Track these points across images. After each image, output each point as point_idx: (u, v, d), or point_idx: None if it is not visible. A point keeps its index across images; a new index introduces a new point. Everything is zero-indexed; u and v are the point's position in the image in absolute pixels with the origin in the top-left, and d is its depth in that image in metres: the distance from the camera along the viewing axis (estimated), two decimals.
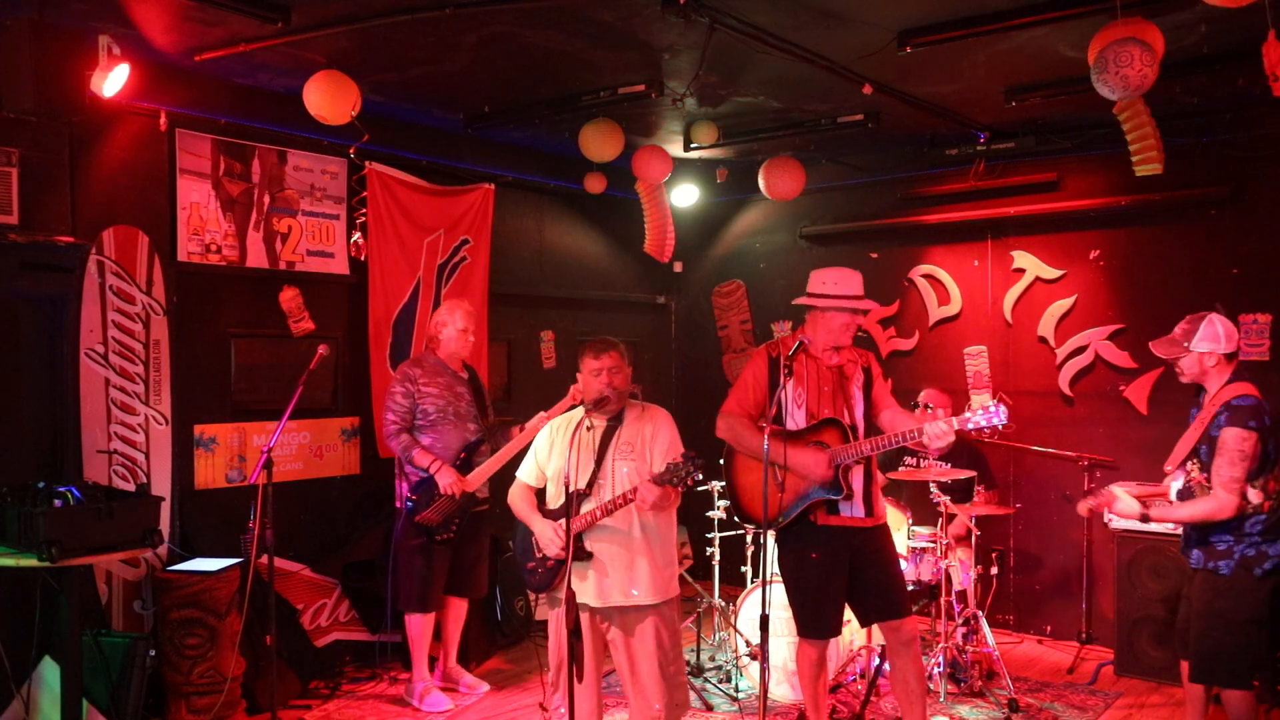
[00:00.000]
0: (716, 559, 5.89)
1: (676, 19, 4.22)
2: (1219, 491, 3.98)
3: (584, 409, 3.99)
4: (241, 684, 4.97)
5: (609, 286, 8.01)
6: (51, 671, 4.23)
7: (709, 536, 5.91)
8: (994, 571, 6.27)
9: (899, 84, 5.40)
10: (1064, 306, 6.59)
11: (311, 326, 5.88)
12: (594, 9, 4.33)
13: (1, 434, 4.66)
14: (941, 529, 5.33)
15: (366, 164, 6.02)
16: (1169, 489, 4.37)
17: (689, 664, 5.60)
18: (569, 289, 7.65)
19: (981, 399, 6.85)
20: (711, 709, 5.21)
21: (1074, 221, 6.54)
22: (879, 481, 4.41)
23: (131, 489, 4.93)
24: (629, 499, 3.89)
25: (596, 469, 4.02)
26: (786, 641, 5.13)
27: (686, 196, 7.62)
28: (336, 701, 5.30)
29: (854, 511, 4.24)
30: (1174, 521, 4.29)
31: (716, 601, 5.89)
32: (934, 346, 7.13)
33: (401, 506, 5.41)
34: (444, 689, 5.39)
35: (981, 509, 5.52)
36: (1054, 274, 6.64)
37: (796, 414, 4.30)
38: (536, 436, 4.24)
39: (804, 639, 4.36)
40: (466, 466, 5.25)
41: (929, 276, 7.15)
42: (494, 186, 6.77)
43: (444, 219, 6.48)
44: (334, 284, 6.07)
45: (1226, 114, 5.79)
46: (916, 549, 5.45)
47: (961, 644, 5.48)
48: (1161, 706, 5.27)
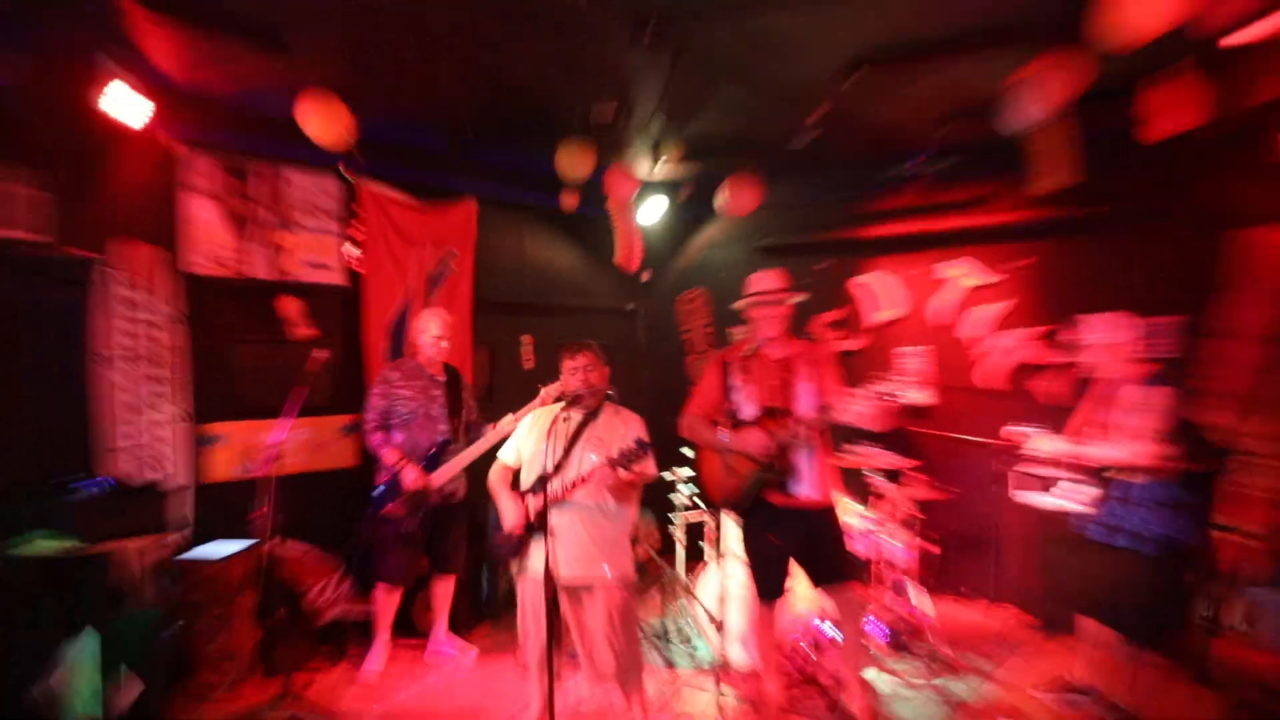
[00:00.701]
0: (680, 539, 5.98)
1: (643, 49, 4.27)
2: (1140, 441, 4.17)
3: (563, 403, 4.06)
4: (257, 651, 5.07)
5: (583, 295, 8.05)
6: (92, 641, 4.31)
7: (672, 518, 6.02)
8: (923, 542, 6.37)
9: (847, 109, 5.47)
10: (995, 311, 6.70)
11: (310, 333, 5.86)
12: (568, 40, 4.37)
13: (35, 432, 4.69)
14: (876, 509, 5.44)
15: (360, 183, 6.00)
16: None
17: (655, 631, 5.73)
18: (546, 297, 7.70)
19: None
20: (675, 668, 5.34)
21: (1004, 234, 6.65)
22: (829, 464, 4.51)
23: (147, 482, 4.95)
24: (586, 480, 3.97)
25: (565, 456, 4.09)
26: (741, 610, 5.22)
27: (653, 212, 7.67)
28: (342, 665, 5.39)
29: (805, 492, 4.37)
30: (1107, 462, 4.36)
31: (679, 575, 5.98)
32: (879, 348, 7.23)
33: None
34: (437, 653, 5.54)
35: (914, 491, 5.63)
36: (986, 281, 6.75)
37: (749, 408, 4.43)
38: (520, 423, 4.31)
39: (760, 600, 4.54)
40: (433, 464, 5.26)
41: (873, 284, 7.24)
42: (477, 203, 6.78)
43: (432, 233, 6.49)
44: (330, 294, 6.08)
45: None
46: (857, 527, 5.56)
47: (892, 606, 5.65)
48: (1059, 654, 5.49)
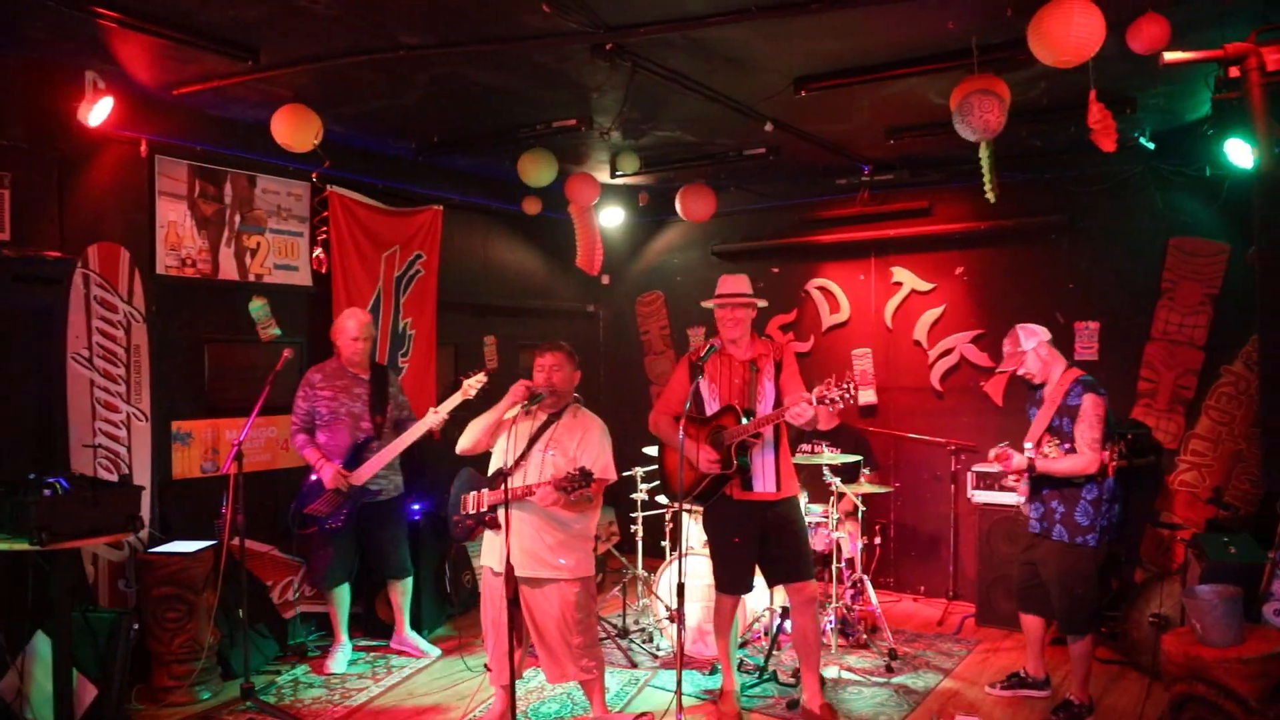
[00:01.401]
0: (640, 535, 6.04)
1: (604, 63, 4.32)
2: (1085, 450, 4.24)
3: (529, 401, 4.11)
4: (217, 652, 4.97)
5: (545, 296, 8.11)
6: (44, 645, 4.19)
7: (633, 515, 6.06)
8: (877, 541, 6.53)
9: (796, 123, 5.57)
10: (934, 315, 6.89)
11: (278, 333, 5.88)
12: (532, 53, 4.42)
13: None
14: (833, 506, 5.55)
15: (328, 187, 6.04)
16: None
17: (615, 627, 5.74)
18: (509, 299, 7.73)
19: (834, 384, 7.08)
20: (636, 665, 5.34)
21: (943, 242, 6.83)
22: (789, 460, 4.54)
23: (114, 479, 4.90)
24: (530, 492, 3.96)
25: (525, 454, 4.11)
26: (701, 605, 5.31)
27: (613, 217, 7.74)
28: (303, 665, 5.33)
29: (764, 486, 4.41)
30: (1054, 473, 4.36)
31: (640, 572, 6.03)
32: (827, 349, 7.38)
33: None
34: (400, 652, 5.51)
35: (867, 488, 5.72)
36: (926, 287, 6.93)
37: (712, 405, 4.49)
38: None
39: (720, 593, 4.55)
40: (354, 462, 5.18)
41: (822, 288, 7.40)
42: (443, 208, 6.81)
43: (399, 236, 6.51)
44: (298, 294, 6.07)
45: (1063, 154, 6.07)
46: (811, 523, 5.64)
47: (850, 604, 5.71)
48: (1012, 650, 5.58)
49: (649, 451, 5.92)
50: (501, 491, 3.92)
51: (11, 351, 4.66)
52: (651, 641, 5.68)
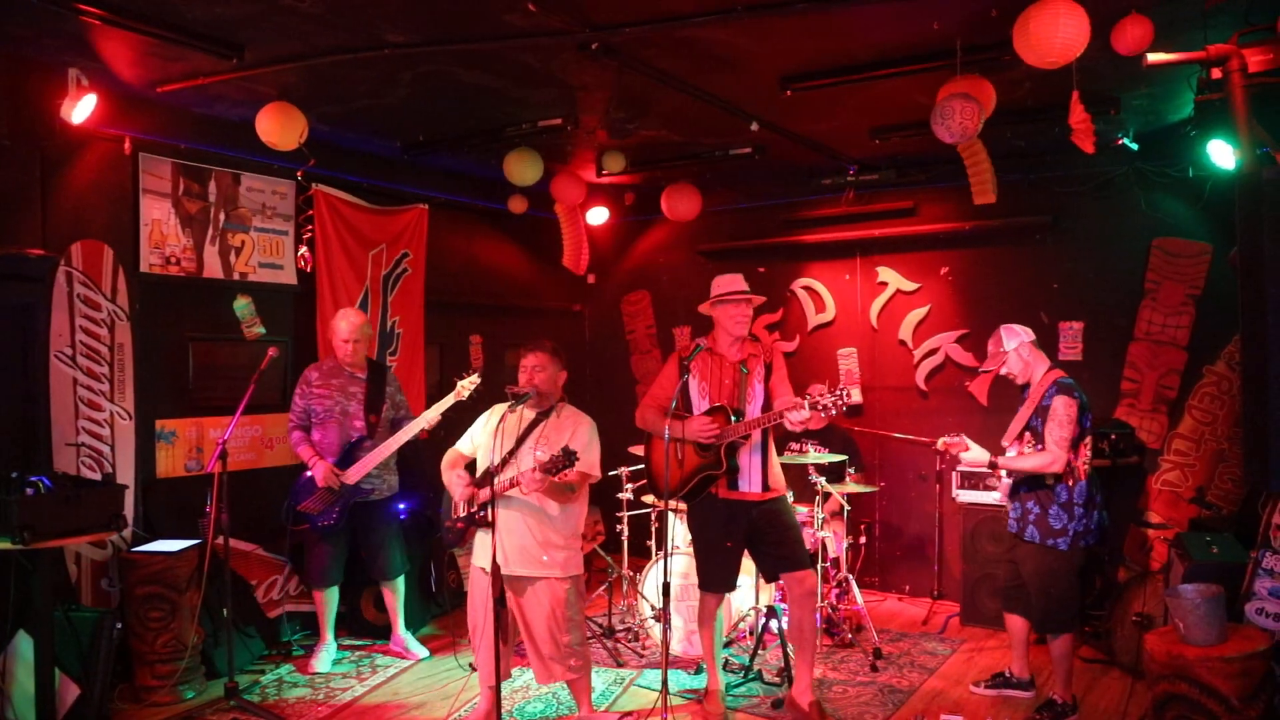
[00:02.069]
0: (625, 534, 6.02)
1: (590, 62, 4.33)
2: (1052, 448, 4.26)
3: (516, 400, 4.08)
4: (201, 651, 4.93)
5: (531, 296, 8.09)
6: (26, 644, 4.14)
7: (618, 515, 6.05)
8: (862, 541, 6.53)
9: (781, 123, 5.57)
10: (920, 314, 6.91)
11: (263, 331, 5.84)
12: (518, 51, 4.40)
13: None
14: (818, 505, 5.54)
15: (313, 186, 6.01)
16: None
17: (602, 627, 5.73)
18: (495, 298, 7.71)
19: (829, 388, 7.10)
20: (621, 665, 5.33)
21: (927, 242, 6.85)
22: (775, 461, 4.53)
23: (97, 478, 4.86)
24: (516, 483, 3.92)
25: (514, 452, 4.09)
26: (685, 605, 5.30)
27: (599, 217, 7.71)
28: (287, 664, 5.29)
29: (750, 486, 4.40)
30: (1017, 470, 4.41)
31: (625, 572, 6.01)
32: (812, 348, 7.39)
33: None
34: (394, 653, 5.50)
35: (852, 488, 5.72)
36: (911, 286, 6.95)
37: (701, 404, 4.48)
38: (481, 415, 4.29)
39: (704, 592, 4.54)
40: (348, 460, 5.16)
41: (808, 288, 7.41)
42: (428, 207, 6.79)
43: (385, 234, 6.48)
44: (283, 293, 6.04)
45: (1048, 155, 6.09)
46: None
47: (835, 603, 5.70)
48: (997, 649, 5.58)
49: (634, 451, 5.91)
50: (485, 492, 3.89)
51: None
52: (637, 641, 5.66)
